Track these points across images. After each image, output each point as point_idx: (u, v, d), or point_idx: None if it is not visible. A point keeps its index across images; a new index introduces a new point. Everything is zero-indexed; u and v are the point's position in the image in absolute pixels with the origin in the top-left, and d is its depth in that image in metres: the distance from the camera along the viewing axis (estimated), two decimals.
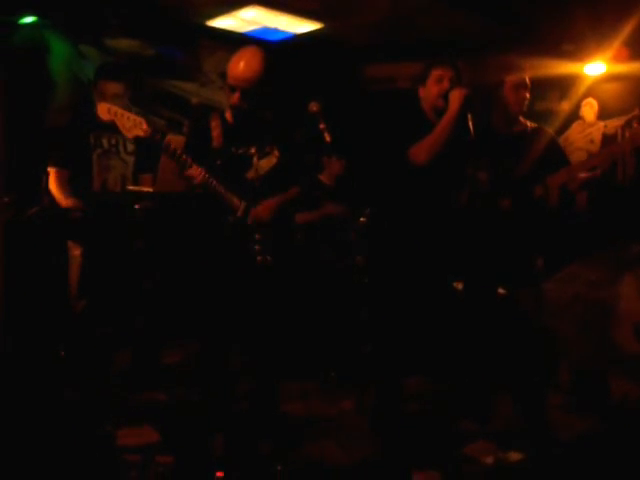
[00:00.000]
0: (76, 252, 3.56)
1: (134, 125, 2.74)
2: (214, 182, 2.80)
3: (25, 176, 3.89)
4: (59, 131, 3.87)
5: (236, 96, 2.83)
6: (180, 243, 3.65)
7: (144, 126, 2.75)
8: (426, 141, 3.07)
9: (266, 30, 5.27)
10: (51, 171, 3.63)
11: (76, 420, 3.09)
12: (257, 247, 2.85)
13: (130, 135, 2.76)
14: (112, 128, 3.70)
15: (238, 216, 2.83)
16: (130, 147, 3.80)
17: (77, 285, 3.55)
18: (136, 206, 3.52)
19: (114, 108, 2.77)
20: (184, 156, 2.76)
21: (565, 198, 3.31)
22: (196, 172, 2.75)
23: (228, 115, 2.96)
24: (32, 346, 3.57)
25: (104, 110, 2.77)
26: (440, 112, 3.13)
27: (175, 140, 2.99)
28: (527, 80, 3.32)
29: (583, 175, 3.27)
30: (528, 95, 3.33)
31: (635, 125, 5.23)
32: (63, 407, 3.20)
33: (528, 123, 3.43)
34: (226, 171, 2.83)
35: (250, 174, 2.92)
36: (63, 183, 3.61)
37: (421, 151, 3.07)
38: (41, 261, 3.65)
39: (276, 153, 2.98)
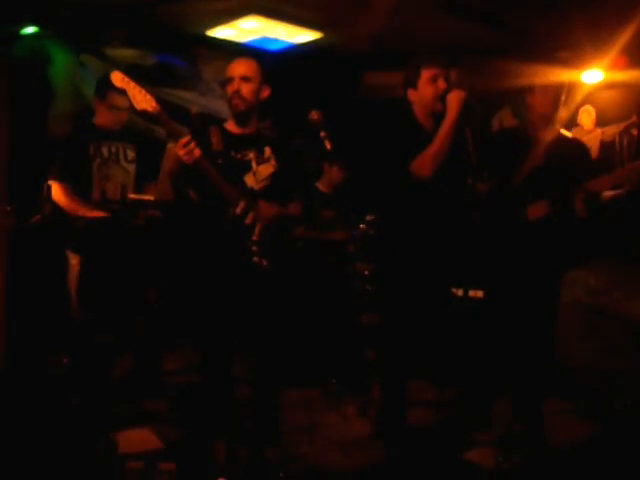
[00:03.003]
0: (74, 261, 3.57)
1: (144, 99, 2.72)
2: (209, 165, 2.77)
3: (27, 185, 3.90)
4: (59, 143, 3.86)
5: (235, 84, 2.88)
6: (180, 249, 3.66)
7: (153, 103, 2.72)
8: (428, 153, 2.98)
9: (266, 40, 5.29)
10: (53, 185, 3.60)
11: (78, 427, 3.10)
12: (254, 248, 2.85)
13: (138, 107, 2.71)
14: (112, 137, 3.75)
15: (237, 213, 2.81)
16: (131, 155, 3.80)
17: (76, 293, 3.56)
18: (138, 214, 3.53)
19: (127, 78, 2.75)
20: (178, 127, 2.77)
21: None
22: (192, 145, 2.72)
23: (229, 125, 2.99)
24: (34, 352, 3.58)
25: (118, 78, 2.74)
26: (436, 116, 3.04)
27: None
28: (556, 86, 3.27)
29: (610, 193, 3.20)
30: (561, 97, 3.26)
31: (634, 132, 5.25)
32: (65, 414, 3.21)
33: (562, 131, 3.37)
34: (225, 172, 2.82)
35: (249, 179, 2.93)
36: (72, 196, 3.59)
37: (425, 164, 2.98)
38: (43, 268, 3.66)
39: (274, 162, 2.99)
